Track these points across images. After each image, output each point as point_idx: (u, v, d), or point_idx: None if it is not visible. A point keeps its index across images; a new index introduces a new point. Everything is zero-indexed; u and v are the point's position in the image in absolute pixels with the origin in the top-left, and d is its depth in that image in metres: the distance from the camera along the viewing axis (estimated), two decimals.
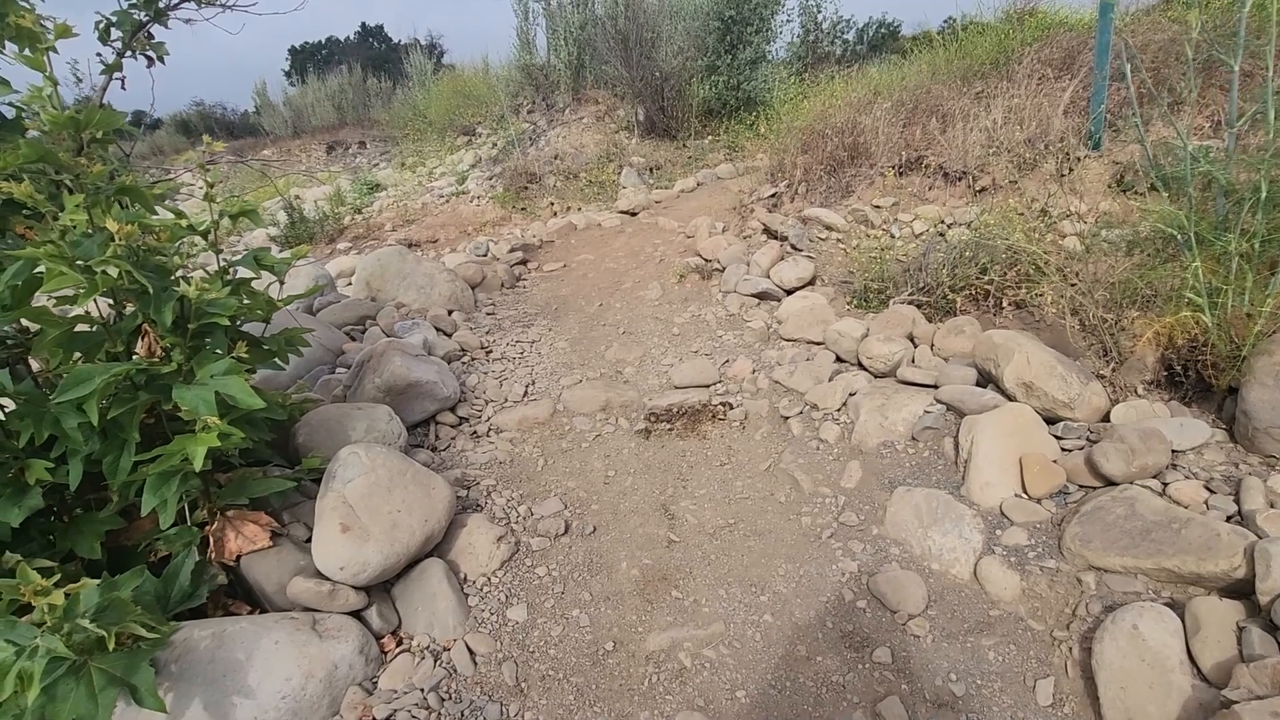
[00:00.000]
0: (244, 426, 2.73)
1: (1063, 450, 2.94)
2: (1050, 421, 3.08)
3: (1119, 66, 5.83)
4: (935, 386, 3.58)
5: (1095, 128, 5.71)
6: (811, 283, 5.55)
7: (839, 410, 3.74)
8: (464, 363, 4.88)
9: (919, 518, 2.86)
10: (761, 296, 5.58)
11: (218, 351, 2.73)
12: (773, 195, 6.68)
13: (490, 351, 5.05)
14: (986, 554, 2.68)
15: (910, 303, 5.09)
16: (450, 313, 5.66)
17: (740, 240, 6.35)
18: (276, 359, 3.15)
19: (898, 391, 3.54)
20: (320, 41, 29.70)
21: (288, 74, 27.35)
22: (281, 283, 3.23)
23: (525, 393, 4.46)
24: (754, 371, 4.37)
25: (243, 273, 3.00)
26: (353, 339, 5.38)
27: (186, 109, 25.92)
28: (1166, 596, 2.30)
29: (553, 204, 9.38)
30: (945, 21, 12.47)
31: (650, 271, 6.51)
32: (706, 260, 6.26)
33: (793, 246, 5.88)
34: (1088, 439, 2.94)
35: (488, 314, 5.81)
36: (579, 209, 9.19)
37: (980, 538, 2.72)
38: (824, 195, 6.17)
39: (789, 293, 5.56)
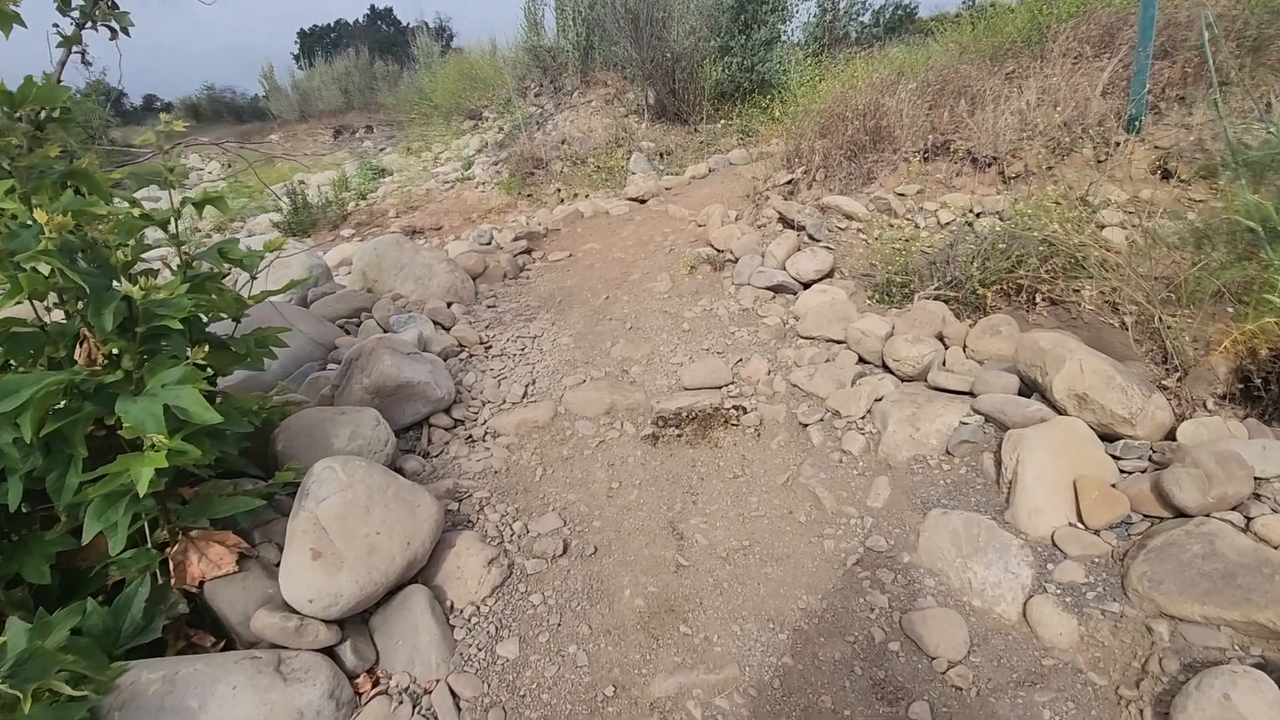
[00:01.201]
0: (204, 440, 2.43)
1: (1122, 473, 2.60)
2: (1106, 439, 2.73)
3: (1164, 43, 5.43)
4: (971, 394, 3.24)
5: (1136, 110, 5.30)
6: (830, 275, 5.19)
7: (864, 418, 3.40)
8: (461, 359, 4.57)
9: (957, 546, 2.53)
10: (777, 290, 5.23)
11: (174, 357, 2.43)
12: (789, 182, 6.31)
13: (490, 347, 4.74)
14: (1037, 592, 2.35)
15: (936, 298, 4.73)
16: (449, 305, 5.35)
17: (754, 230, 5.99)
18: (249, 361, 2.84)
19: (929, 400, 3.20)
20: (329, 25, 29.32)
21: (296, 58, 27.00)
22: (254, 277, 2.93)
23: (525, 393, 4.14)
24: (769, 373, 4.04)
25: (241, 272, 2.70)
26: (347, 332, 5.08)
27: (197, 93, 25.64)
28: (1258, 655, 1.97)
29: (559, 190, 9.02)
30: (965, 2, 11.96)
31: (659, 262, 6.16)
32: (719, 251, 5.91)
33: (810, 237, 5.52)
34: (1151, 460, 2.59)
35: (488, 306, 5.49)
36: (586, 196, 8.84)
37: (1029, 572, 2.39)
38: (844, 182, 5.79)
39: (806, 286, 5.21)
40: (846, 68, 7.08)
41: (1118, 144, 5.29)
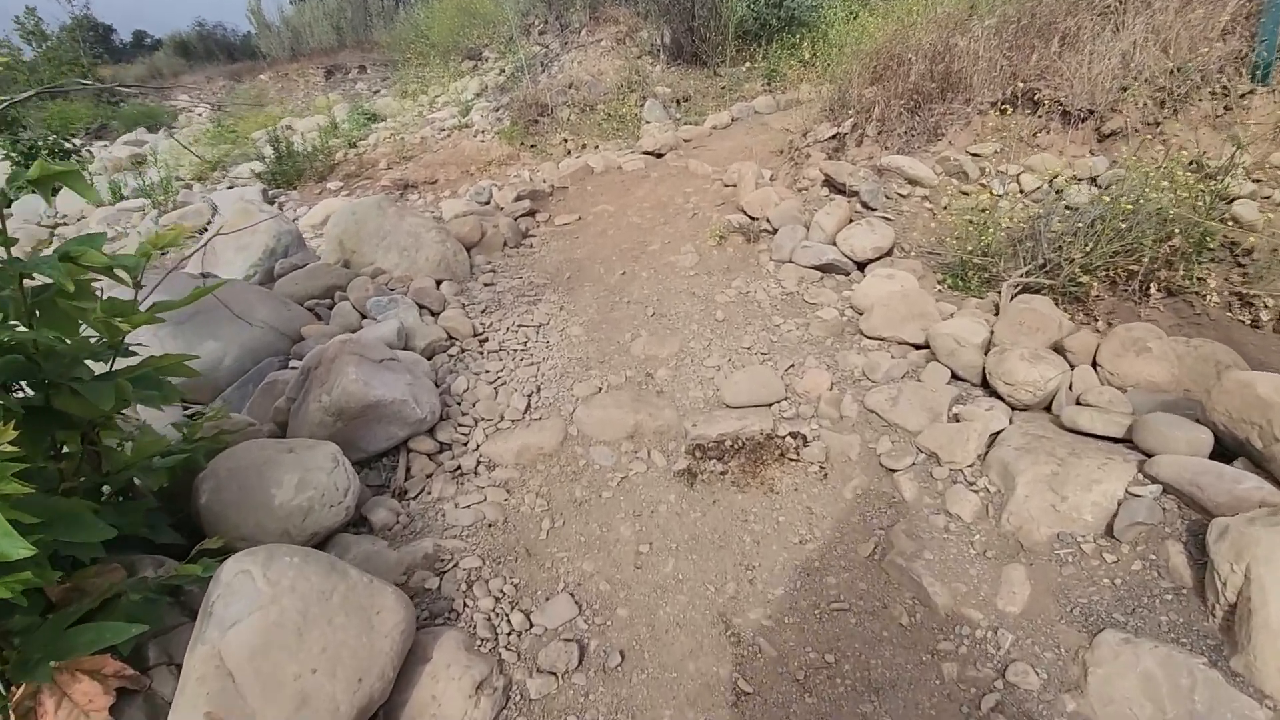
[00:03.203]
0: (43, 533, 1.58)
1: None
2: None
3: None
4: (1128, 442, 2.36)
5: (1265, 55, 4.25)
6: (889, 253, 4.25)
7: (973, 468, 2.53)
8: (451, 356, 3.67)
9: (1156, 702, 1.69)
10: (826, 269, 4.29)
11: None
12: (834, 137, 5.29)
13: (485, 340, 3.84)
14: None
15: (1026, 287, 3.80)
16: (439, 284, 4.43)
17: (795, 194, 5.01)
18: (121, 413, 1.96)
19: (1073, 452, 2.31)
20: None
21: None
22: (137, 286, 2.03)
23: (528, 406, 3.27)
24: (833, 387, 3.15)
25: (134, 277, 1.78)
26: (318, 317, 4.18)
27: (187, 30, 24.04)
28: None
29: (566, 141, 7.96)
30: None
31: (682, 229, 5.20)
32: (752, 218, 4.94)
33: (864, 205, 4.55)
34: None
35: (485, 285, 4.56)
36: (596, 148, 7.78)
37: None
38: (904, 139, 4.79)
39: (861, 266, 4.27)
40: (899, 2, 5.94)
41: (1241, 96, 4.27)
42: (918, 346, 3.34)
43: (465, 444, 3.05)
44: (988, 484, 2.43)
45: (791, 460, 2.82)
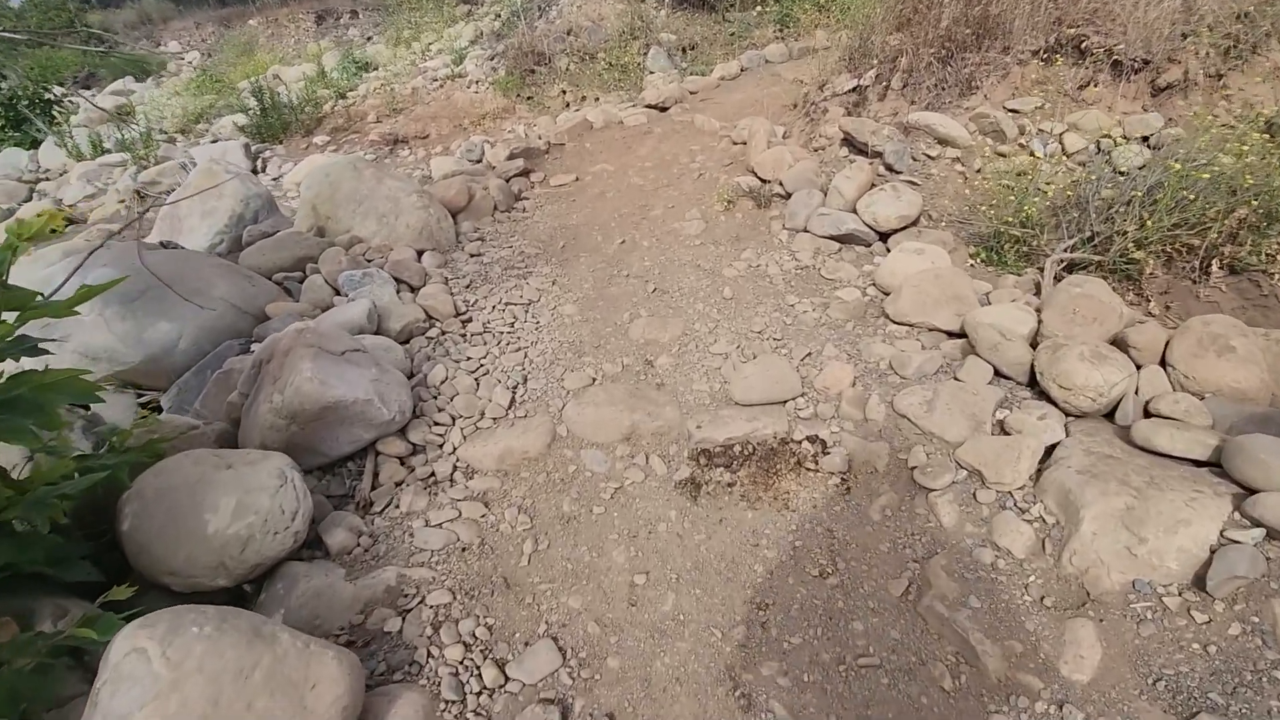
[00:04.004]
0: None
1: None
2: None
3: None
4: (1214, 465, 1.96)
5: None
6: (915, 222, 3.79)
7: (1024, 490, 2.14)
8: (430, 339, 3.27)
9: None
10: (844, 240, 3.84)
11: None
12: (854, 90, 4.75)
13: (469, 320, 3.42)
14: None
15: (1071, 265, 3.35)
16: (420, 255, 3.99)
17: (810, 155, 4.51)
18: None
19: (1152, 481, 1.91)
20: None
21: None
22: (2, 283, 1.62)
23: (512, 401, 2.87)
24: (856, 383, 2.74)
25: None
26: (288, 292, 3.76)
27: None
28: None
29: (564, 93, 7.38)
30: None
31: (687, 192, 4.72)
32: (764, 181, 4.45)
33: (888, 167, 4.06)
34: None
35: (472, 255, 4.12)
36: (596, 100, 7.21)
37: None
38: (933, 93, 4.26)
39: (884, 236, 3.82)
40: None
41: None
42: (952, 334, 2.92)
43: (441, 446, 2.67)
44: (1043, 512, 2.04)
45: (809, 470, 2.44)
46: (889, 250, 3.76)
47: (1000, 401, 2.44)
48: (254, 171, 7.42)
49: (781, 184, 4.31)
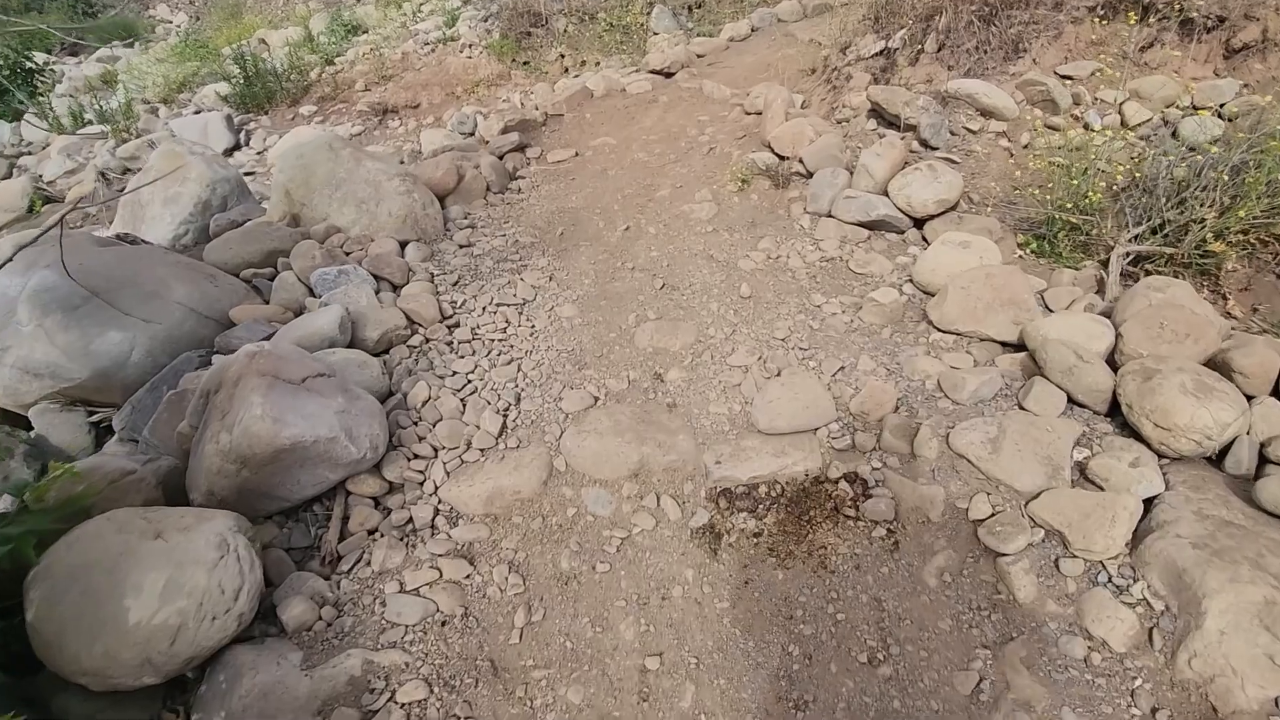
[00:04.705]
0: None
1: None
2: None
3: None
4: None
5: None
6: (954, 206, 3.32)
7: (1120, 561, 1.73)
8: (412, 349, 2.86)
9: None
10: (874, 226, 3.39)
11: None
12: (881, 53, 4.22)
13: (456, 326, 3.00)
14: None
15: (1137, 256, 2.90)
16: (404, 246, 3.54)
17: (833, 127, 4.01)
18: None
19: None
20: None
21: None
22: None
23: (503, 428, 2.47)
24: (899, 406, 2.33)
25: None
26: (256, 290, 3.34)
27: None
28: None
29: (563, 58, 6.80)
30: None
31: (696, 169, 4.24)
32: (781, 157, 3.96)
33: (923, 142, 3.57)
34: None
35: (461, 246, 3.67)
36: (597, 64, 6.64)
37: None
38: (973, 57, 3.73)
39: (919, 222, 3.36)
40: None
41: None
42: (1007, 345, 2.49)
43: (421, 484, 2.28)
44: (1148, 593, 1.65)
45: (848, 519, 2.04)
46: (925, 239, 3.31)
47: (1079, 438, 2.03)
48: (236, 146, 6.92)
49: (802, 161, 3.82)
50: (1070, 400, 2.14)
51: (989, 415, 2.14)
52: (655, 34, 6.80)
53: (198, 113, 8.00)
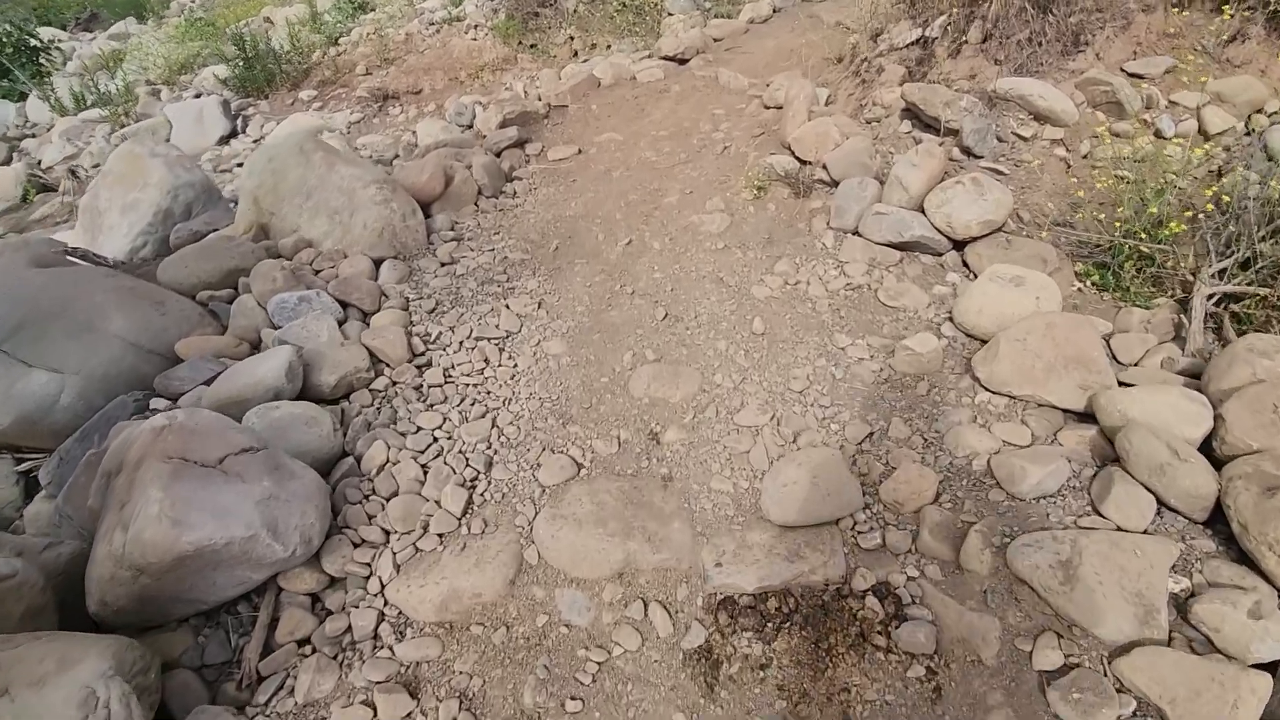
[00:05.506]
0: None
1: None
2: None
3: None
4: None
5: None
6: (1001, 227, 2.81)
7: None
8: (374, 393, 2.45)
9: None
10: (907, 248, 2.90)
11: None
12: (918, 42, 3.66)
13: (427, 366, 2.58)
14: None
15: (1221, 298, 2.39)
16: (379, 264, 3.11)
17: (861, 128, 3.49)
18: None
19: None
20: None
21: None
22: None
23: (468, 504, 2.05)
24: (940, 497, 1.87)
25: None
26: (213, 315, 2.93)
27: None
28: None
29: (572, 40, 6.25)
30: None
31: (708, 172, 3.74)
32: (802, 162, 3.46)
33: (966, 150, 3.05)
34: None
35: (444, 264, 3.22)
36: (608, 47, 6.09)
37: None
38: (1025, 50, 3.17)
39: (959, 245, 2.86)
40: None
41: None
42: (1080, 416, 2.02)
43: (366, 580, 1.88)
44: None
45: (878, 648, 1.61)
46: (965, 262, 2.82)
47: (1175, 563, 1.56)
48: (233, 133, 6.48)
49: (825, 168, 3.31)
50: (1160, 503, 1.68)
51: (1057, 525, 1.68)
52: (670, 14, 6.22)
53: (198, 96, 7.57)
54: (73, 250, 3.14)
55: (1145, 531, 1.62)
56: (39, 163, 7.23)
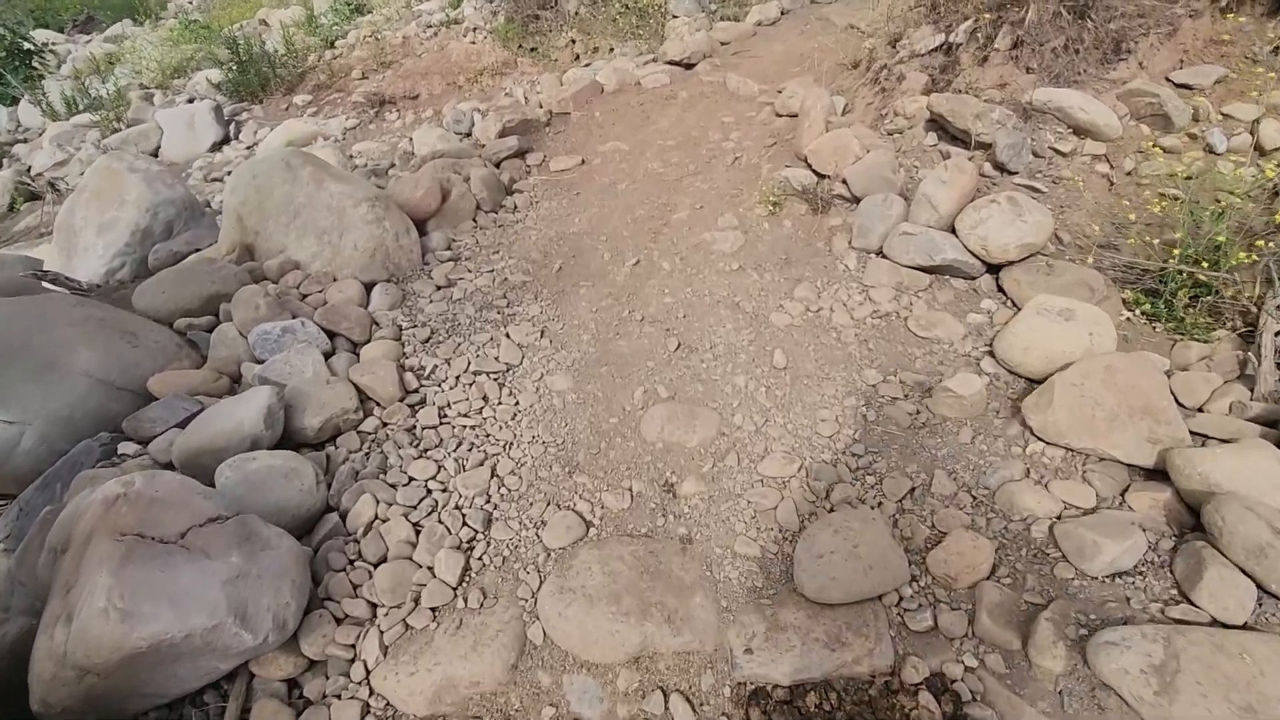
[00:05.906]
0: None
1: None
2: None
3: None
4: None
5: None
6: (1040, 250, 2.57)
7: None
8: (363, 436, 2.21)
9: None
10: (937, 271, 2.66)
11: None
12: (942, 47, 3.42)
13: (421, 405, 2.34)
14: None
15: None
16: (370, 289, 2.87)
17: (882, 139, 3.25)
18: None
19: None
20: None
21: None
22: None
23: (464, 571, 1.82)
24: (996, 571, 1.64)
25: None
26: (192, 344, 2.69)
27: None
28: None
29: (574, 43, 6.00)
30: None
31: (719, 185, 3.51)
32: (820, 175, 3.22)
33: (999, 166, 2.81)
34: None
35: (440, 287, 2.99)
36: (611, 51, 5.84)
37: None
38: (1061, 58, 2.93)
39: (994, 269, 2.62)
40: None
41: None
42: (1141, 469, 1.78)
43: (349, 664, 1.64)
44: None
45: None
46: (1001, 287, 2.59)
47: (1273, 656, 1.33)
48: (225, 140, 6.24)
49: (845, 182, 3.07)
50: (1260, 588, 1.45)
51: (1140, 612, 1.45)
52: (674, 17, 5.97)
53: (191, 101, 7.31)
54: (44, 274, 2.90)
55: (1245, 625, 1.39)
56: (28, 169, 6.98)
